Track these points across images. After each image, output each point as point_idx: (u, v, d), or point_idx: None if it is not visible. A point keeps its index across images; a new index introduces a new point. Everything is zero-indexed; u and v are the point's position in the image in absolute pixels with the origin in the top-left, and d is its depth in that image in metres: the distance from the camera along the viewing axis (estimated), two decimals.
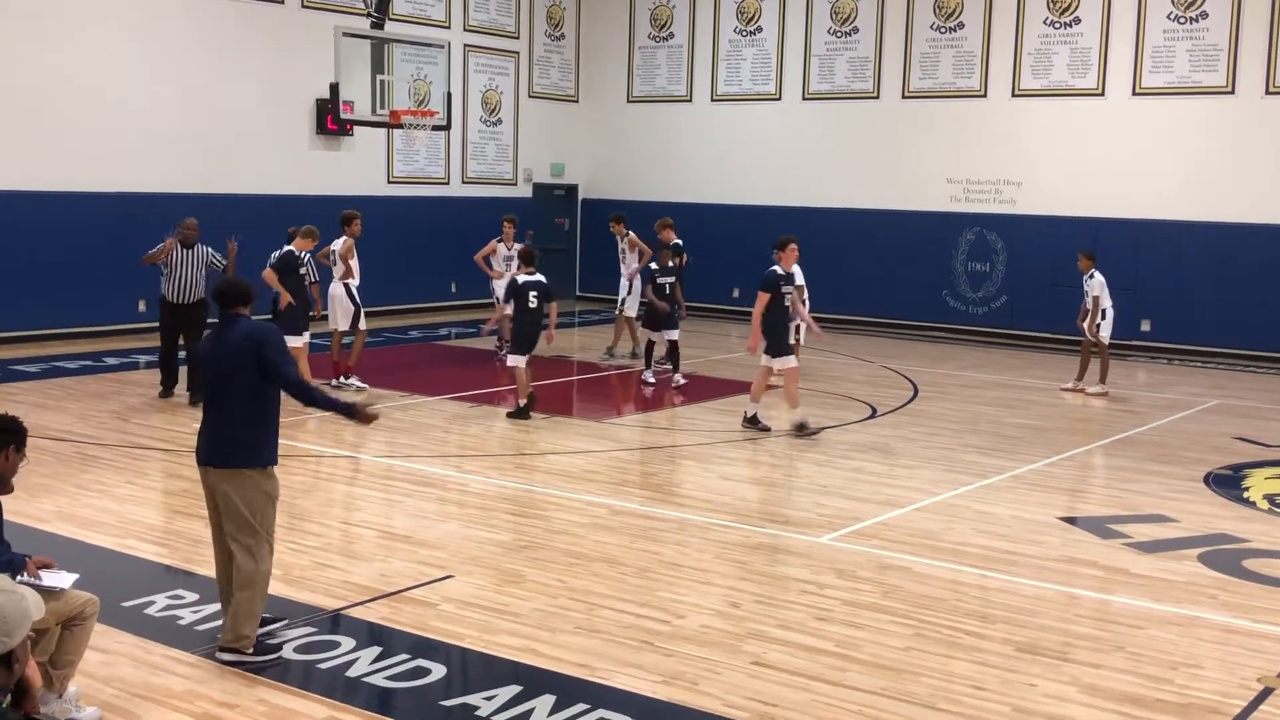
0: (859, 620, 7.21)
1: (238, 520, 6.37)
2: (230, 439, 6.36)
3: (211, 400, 6.48)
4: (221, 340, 6.43)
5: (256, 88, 19.38)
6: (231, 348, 6.34)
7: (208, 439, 6.43)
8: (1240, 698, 6.24)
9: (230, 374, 6.34)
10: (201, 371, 6.68)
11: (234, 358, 6.32)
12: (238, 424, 6.35)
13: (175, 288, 13.32)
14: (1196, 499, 10.38)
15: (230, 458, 6.36)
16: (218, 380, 6.43)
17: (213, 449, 6.40)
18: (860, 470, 11.02)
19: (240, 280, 6.66)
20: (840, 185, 22.10)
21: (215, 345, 6.47)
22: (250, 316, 6.53)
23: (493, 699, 5.97)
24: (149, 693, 5.96)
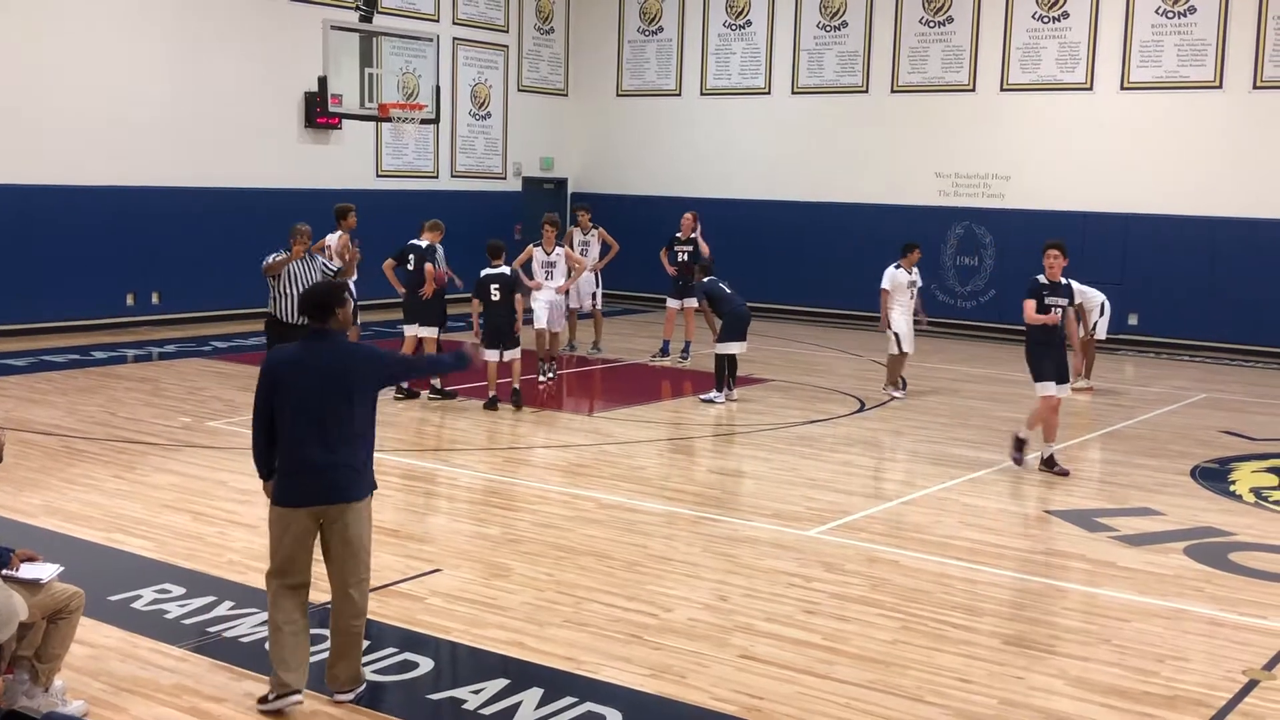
0: (847, 613, 7.23)
1: (360, 557, 5.82)
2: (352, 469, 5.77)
3: (315, 427, 5.69)
4: (315, 358, 5.75)
5: (245, 81, 19.32)
6: (332, 365, 5.71)
7: (319, 471, 5.69)
8: (1226, 690, 6.26)
9: (336, 394, 5.69)
10: (294, 393, 5.70)
11: (338, 377, 5.70)
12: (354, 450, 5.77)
13: (292, 305, 11.35)
14: (1183, 492, 10.42)
15: (350, 490, 5.76)
16: (321, 404, 5.68)
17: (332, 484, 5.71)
18: (849, 464, 11.04)
19: (333, 285, 6.14)
20: (829, 179, 22.10)
21: (312, 364, 5.73)
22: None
23: (480, 692, 5.97)
24: (136, 686, 5.95)
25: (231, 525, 8.66)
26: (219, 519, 8.79)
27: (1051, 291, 10.79)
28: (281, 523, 5.79)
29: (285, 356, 5.83)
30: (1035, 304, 10.73)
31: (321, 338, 5.79)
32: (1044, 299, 10.73)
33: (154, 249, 18.39)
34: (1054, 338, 10.80)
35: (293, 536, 5.77)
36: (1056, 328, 10.80)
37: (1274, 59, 18.49)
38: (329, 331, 5.81)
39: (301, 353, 5.78)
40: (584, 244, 17.27)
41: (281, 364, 5.78)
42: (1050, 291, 10.79)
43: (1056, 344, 10.85)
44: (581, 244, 17.28)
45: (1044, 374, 10.73)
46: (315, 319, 5.82)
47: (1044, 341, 10.78)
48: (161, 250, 18.48)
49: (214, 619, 6.85)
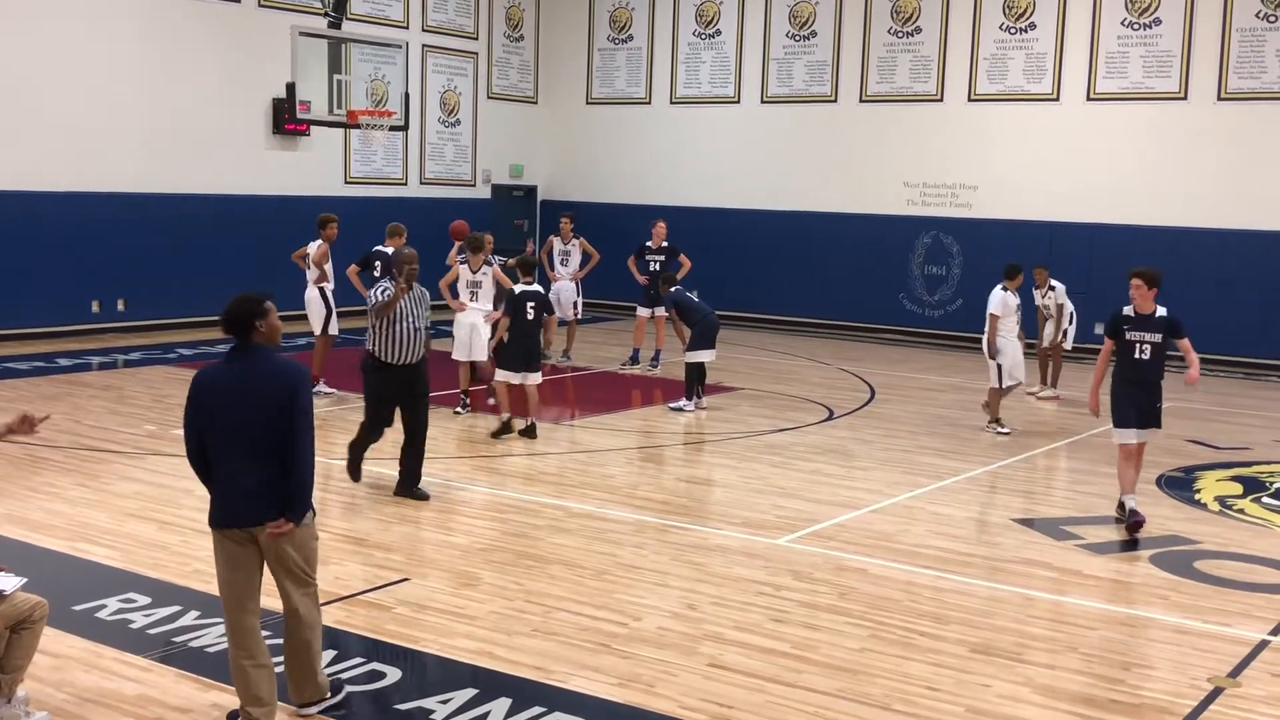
0: (815, 622, 7.24)
1: (295, 574, 5.64)
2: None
3: (237, 446, 5.51)
4: (237, 375, 5.51)
5: (213, 87, 19.21)
6: (254, 382, 5.48)
7: (243, 492, 5.51)
8: (1191, 698, 6.31)
9: (260, 413, 5.46)
10: (216, 412, 5.50)
11: (259, 394, 5.48)
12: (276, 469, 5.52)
13: (398, 342, 9.65)
14: (1149, 501, 10.46)
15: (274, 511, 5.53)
16: (242, 422, 5.48)
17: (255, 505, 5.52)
18: (817, 472, 11.06)
19: (251, 298, 5.61)
20: (798, 188, 22.18)
21: (234, 381, 5.51)
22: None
23: (448, 702, 5.95)
24: (100, 697, 5.90)
25: (197, 534, 8.57)
26: (184, 527, 8.72)
27: (1136, 325, 9.42)
28: (219, 545, 5.58)
29: (209, 375, 5.56)
30: (1111, 342, 9.53)
31: (244, 354, 5.52)
32: (1125, 334, 9.42)
33: (120, 256, 18.25)
34: (1142, 375, 9.43)
35: (229, 558, 5.55)
36: (1145, 364, 9.42)
37: (1238, 70, 18.69)
38: (253, 347, 5.53)
39: (223, 371, 5.54)
40: (564, 253, 17.28)
41: (205, 383, 5.54)
42: (1134, 326, 9.42)
43: (1145, 383, 9.45)
44: (562, 253, 17.29)
45: (1124, 418, 9.47)
46: (236, 335, 5.51)
47: (1128, 379, 9.47)
48: (127, 257, 18.34)
49: (179, 629, 6.79)
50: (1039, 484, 10.95)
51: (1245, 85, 18.64)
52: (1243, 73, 18.65)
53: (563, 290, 17.06)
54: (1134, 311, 9.40)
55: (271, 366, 5.52)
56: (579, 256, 17.24)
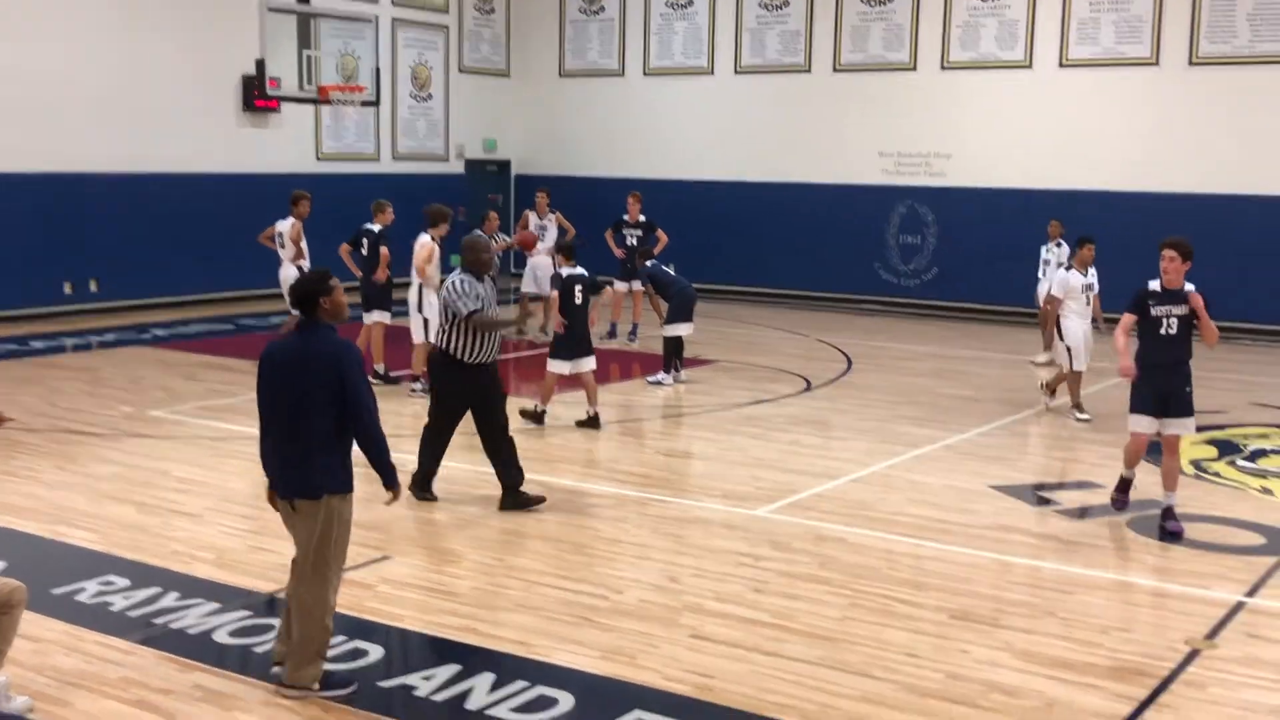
0: (795, 591, 7.28)
1: (304, 553, 5.84)
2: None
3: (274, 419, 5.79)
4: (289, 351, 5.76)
5: (181, 64, 19.03)
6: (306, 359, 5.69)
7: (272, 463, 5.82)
8: (1169, 660, 6.37)
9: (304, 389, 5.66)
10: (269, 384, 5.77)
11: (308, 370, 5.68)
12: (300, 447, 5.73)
13: (479, 338, 8.78)
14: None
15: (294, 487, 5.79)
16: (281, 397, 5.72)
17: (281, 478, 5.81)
18: (796, 443, 11.10)
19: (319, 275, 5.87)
20: (773, 159, 22.15)
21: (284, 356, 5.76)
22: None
23: (431, 679, 5.96)
24: (82, 680, 5.89)
25: (175, 515, 8.57)
26: (162, 509, 8.70)
27: (1162, 300, 8.56)
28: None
29: (271, 348, 5.84)
30: (1132, 316, 8.70)
31: (307, 329, 5.76)
32: (1150, 309, 8.58)
33: (91, 236, 18.11)
34: (1167, 355, 8.53)
35: (282, 518, 5.90)
36: (1171, 342, 8.51)
37: (1209, 35, 18.73)
38: (315, 323, 5.76)
39: (285, 345, 5.81)
40: (541, 227, 17.21)
41: (265, 356, 5.81)
42: (1160, 300, 8.56)
43: (1170, 365, 8.55)
44: (539, 227, 17.22)
45: (1141, 401, 8.68)
46: (303, 310, 5.78)
47: (1151, 361, 8.60)
48: (99, 238, 18.20)
49: (160, 610, 6.78)
50: (1015, 450, 11.01)
51: (1216, 50, 18.69)
52: (1214, 37, 18.69)
53: (539, 265, 17.01)
54: (1161, 286, 8.54)
55: (325, 344, 5.71)
56: (555, 231, 17.19)
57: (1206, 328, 8.49)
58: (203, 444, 10.64)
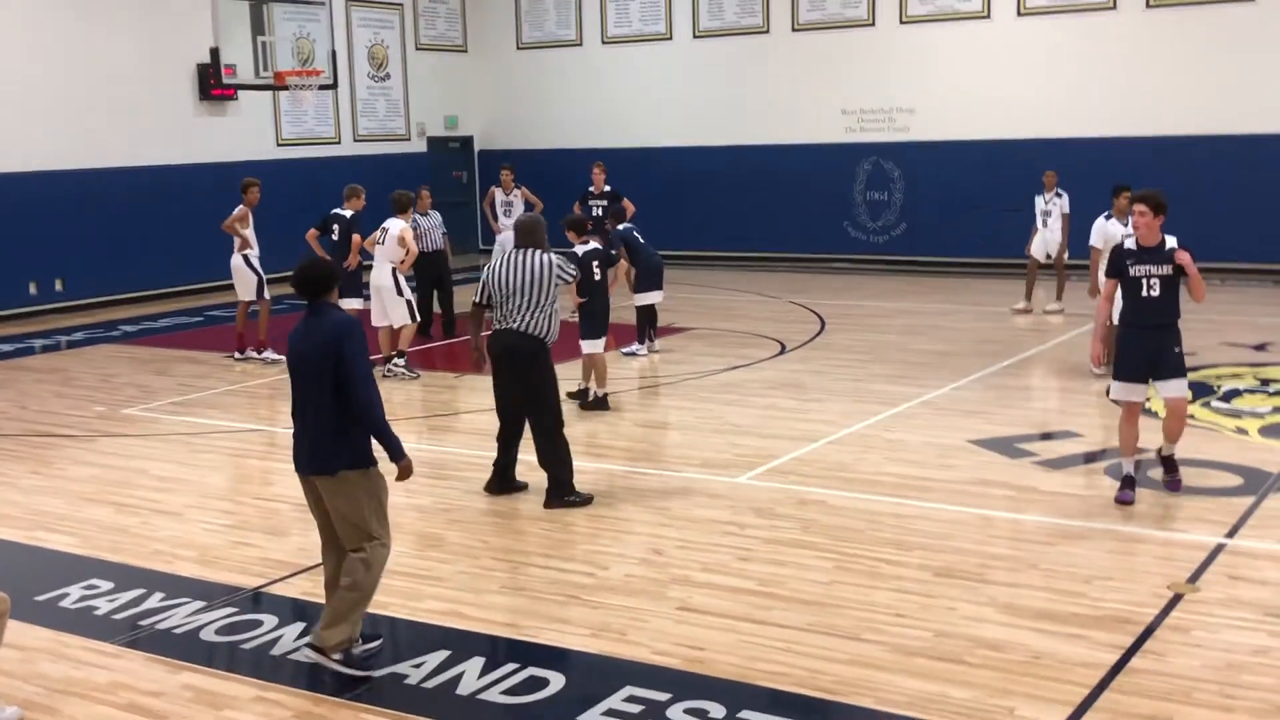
0: (781, 557, 7.30)
1: (345, 528, 5.94)
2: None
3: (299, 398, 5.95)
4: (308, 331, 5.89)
5: (134, 56, 18.81)
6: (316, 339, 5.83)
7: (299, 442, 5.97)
8: (1152, 606, 6.43)
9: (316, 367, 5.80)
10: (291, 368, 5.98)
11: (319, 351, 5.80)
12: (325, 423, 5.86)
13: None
14: (1100, 413, 10.63)
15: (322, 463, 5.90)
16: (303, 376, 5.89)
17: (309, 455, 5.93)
18: (773, 407, 11.11)
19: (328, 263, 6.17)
20: (735, 122, 22.09)
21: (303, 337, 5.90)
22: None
23: (421, 666, 5.96)
24: (71, 687, 5.87)
25: (155, 514, 8.53)
26: (142, 509, 8.65)
27: (1141, 258, 8.04)
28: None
29: (293, 330, 6.01)
30: (1113, 279, 8.28)
31: (313, 311, 5.90)
32: (1129, 270, 8.06)
33: (53, 234, 17.92)
34: (1152, 317, 8.02)
35: (310, 502, 6.05)
36: (1155, 303, 7.99)
37: None
38: (320, 304, 5.90)
39: (299, 326, 5.96)
40: (507, 204, 17.15)
41: (289, 338, 6.01)
42: (1139, 259, 8.04)
43: (1157, 327, 8.02)
44: (504, 203, 17.16)
45: (1128, 367, 8.13)
46: (305, 295, 5.93)
47: (1136, 323, 8.11)
48: (61, 235, 18.01)
49: (145, 611, 6.76)
50: (991, 404, 11.05)
51: None
52: None
53: (507, 241, 16.88)
54: (1137, 244, 8.07)
55: (328, 323, 5.86)
56: (522, 206, 17.12)
57: (1196, 285, 7.99)
58: (178, 440, 10.58)
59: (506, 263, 8.40)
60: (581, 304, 11.15)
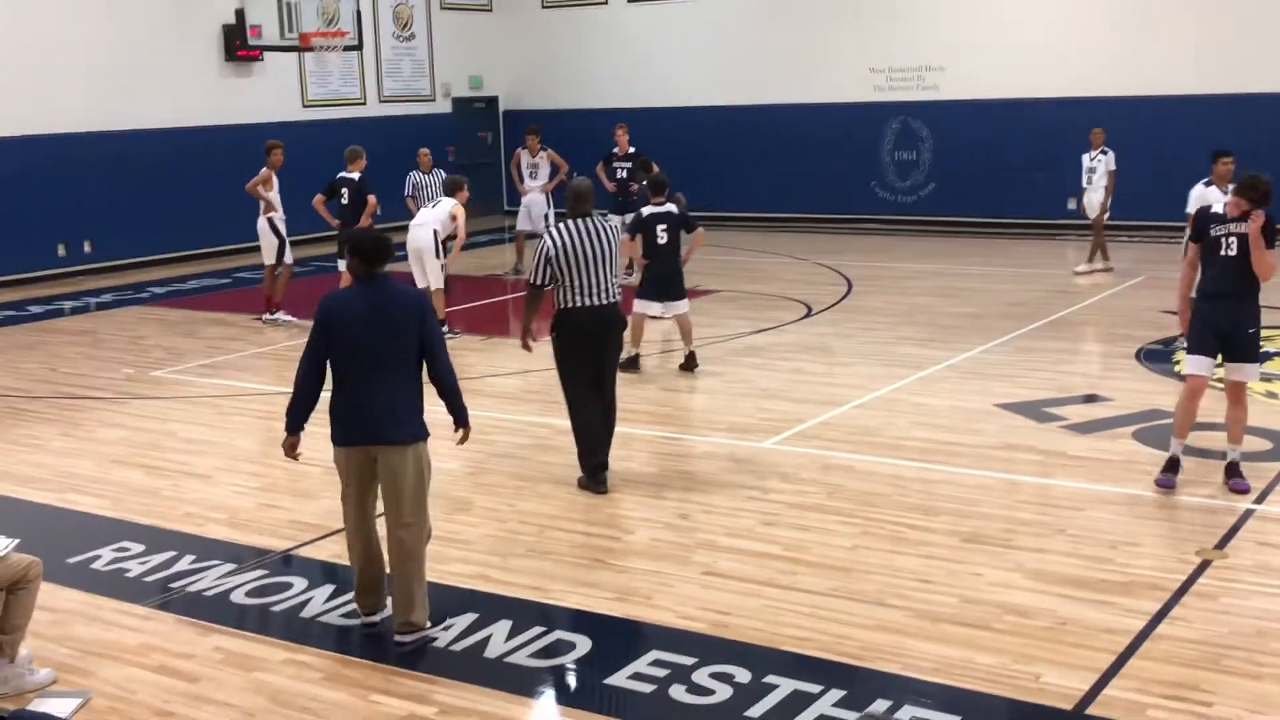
0: (806, 522, 7.31)
1: (404, 501, 5.87)
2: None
3: (368, 368, 5.81)
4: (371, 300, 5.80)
5: (160, 17, 18.78)
6: (390, 309, 5.79)
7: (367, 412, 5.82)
8: (1180, 572, 6.41)
9: (390, 338, 5.79)
10: (349, 337, 5.78)
11: (398, 321, 5.79)
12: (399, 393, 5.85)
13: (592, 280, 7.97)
14: (1129, 376, 10.57)
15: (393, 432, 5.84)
16: (376, 345, 5.78)
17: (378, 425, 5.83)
18: (799, 371, 11.09)
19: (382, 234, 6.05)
20: (762, 82, 21.93)
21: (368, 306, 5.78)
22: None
23: (449, 629, 6.00)
24: (103, 649, 5.94)
25: (185, 477, 8.59)
26: (172, 471, 8.72)
27: (1222, 221, 7.56)
28: (342, 461, 5.94)
29: (341, 299, 5.92)
30: (1195, 247, 7.78)
31: (374, 281, 5.83)
32: (1210, 232, 7.60)
33: (81, 196, 17.99)
34: (1227, 284, 7.51)
35: (353, 474, 5.91)
36: (1232, 265, 7.46)
37: None
38: (382, 274, 5.85)
39: (357, 295, 5.83)
40: (533, 165, 17.13)
41: (337, 307, 5.85)
42: (1220, 221, 7.58)
43: (1230, 295, 7.52)
44: (530, 165, 17.13)
45: (1198, 340, 7.65)
46: (372, 264, 5.82)
47: (1209, 293, 7.61)
48: (89, 197, 18.08)
49: (176, 574, 6.83)
50: (1019, 367, 10.99)
51: None
52: None
53: (533, 203, 16.96)
54: (1225, 210, 7.62)
55: (405, 294, 5.91)
56: (548, 168, 17.09)
57: (1257, 257, 7.42)
58: (207, 403, 10.65)
59: (576, 234, 7.79)
60: (645, 266, 11.08)
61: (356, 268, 5.87)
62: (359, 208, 13.30)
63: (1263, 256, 7.40)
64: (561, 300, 7.88)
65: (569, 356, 7.95)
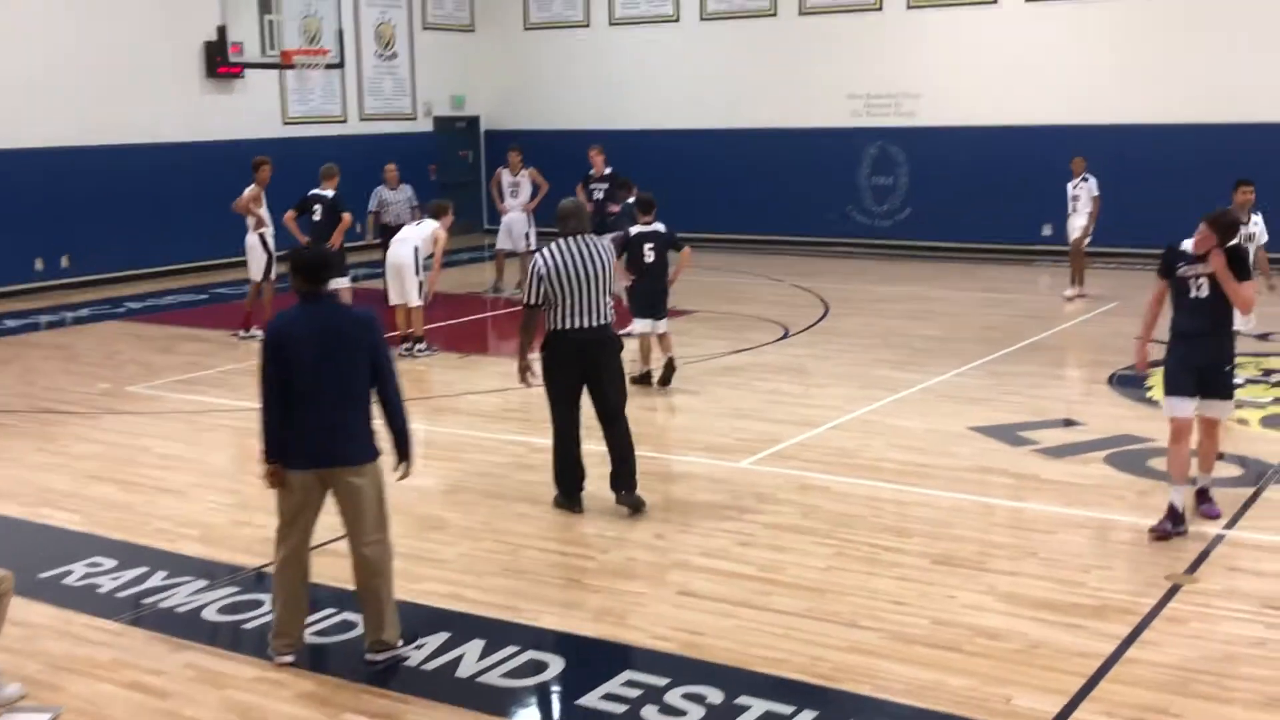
0: (781, 543, 7.33)
1: (367, 519, 5.83)
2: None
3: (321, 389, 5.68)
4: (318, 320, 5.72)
5: (141, 33, 18.75)
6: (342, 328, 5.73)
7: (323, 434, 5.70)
8: (1151, 596, 6.45)
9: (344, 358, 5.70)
10: (301, 358, 5.66)
11: (350, 340, 5.71)
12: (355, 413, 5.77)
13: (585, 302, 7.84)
14: (1101, 401, 10.65)
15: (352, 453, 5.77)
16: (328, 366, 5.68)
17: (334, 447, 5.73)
18: (776, 392, 11.13)
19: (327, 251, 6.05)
20: (742, 105, 22.05)
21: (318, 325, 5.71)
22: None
23: (422, 647, 5.99)
24: (73, 664, 5.91)
25: (159, 493, 8.57)
26: (146, 487, 8.69)
27: (1192, 261, 7.37)
28: (294, 484, 5.78)
29: (290, 321, 5.75)
30: (1161, 284, 7.63)
31: (318, 301, 5.76)
32: (1177, 270, 7.43)
33: (59, 211, 17.93)
34: (1200, 323, 7.37)
35: (303, 498, 5.80)
36: (1203, 306, 7.33)
37: None
38: (324, 294, 5.81)
39: (304, 316, 5.72)
40: (514, 184, 17.14)
41: (286, 329, 5.72)
42: (1190, 261, 7.37)
43: (1204, 335, 7.40)
44: (511, 184, 17.15)
45: (1175, 382, 7.47)
46: (315, 281, 5.76)
47: (1183, 331, 7.47)
48: (67, 212, 18.02)
49: (148, 590, 6.80)
50: (993, 391, 11.06)
51: None
52: None
53: (514, 222, 16.98)
54: (1192, 249, 7.38)
55: (354, 313, 5.89)
56: (529, 188, 17.13)
57: (1231, 292, 7.30)
58: (182, 419, 10.62)
59: (567, 253, 7.68)
60: (632, 284, 11.14)
61: (300, 286, 5.75)
62: (331, 225, 13.31)
63: (1237, 290, 7.30)
64: (552, 321, 7.78)
65: (556, 378, 7.91)
